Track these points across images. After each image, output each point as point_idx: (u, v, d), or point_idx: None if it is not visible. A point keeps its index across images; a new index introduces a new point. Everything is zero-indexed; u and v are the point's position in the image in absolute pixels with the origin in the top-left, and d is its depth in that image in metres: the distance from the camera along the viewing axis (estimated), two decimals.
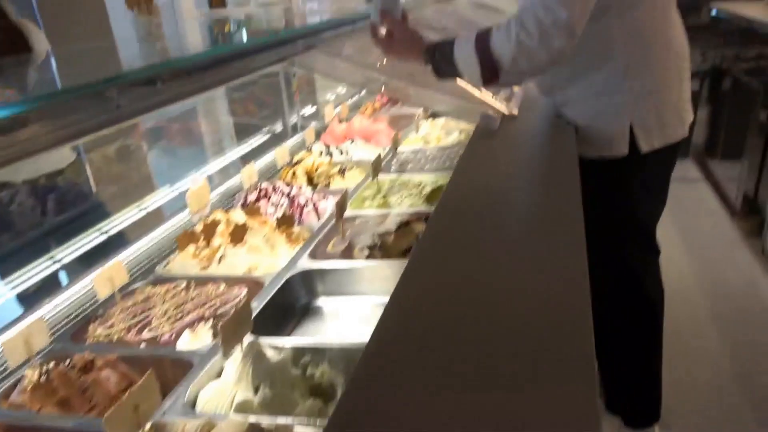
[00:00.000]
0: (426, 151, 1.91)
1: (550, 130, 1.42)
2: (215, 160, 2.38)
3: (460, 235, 0.96)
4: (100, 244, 1.62)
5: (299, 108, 2.69)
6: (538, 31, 1.15)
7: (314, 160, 1.91)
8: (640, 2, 1.28)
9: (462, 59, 1.30)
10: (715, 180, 3.77)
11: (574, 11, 1.13)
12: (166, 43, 1.39)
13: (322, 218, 1.57)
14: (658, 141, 1.38)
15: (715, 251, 3.04)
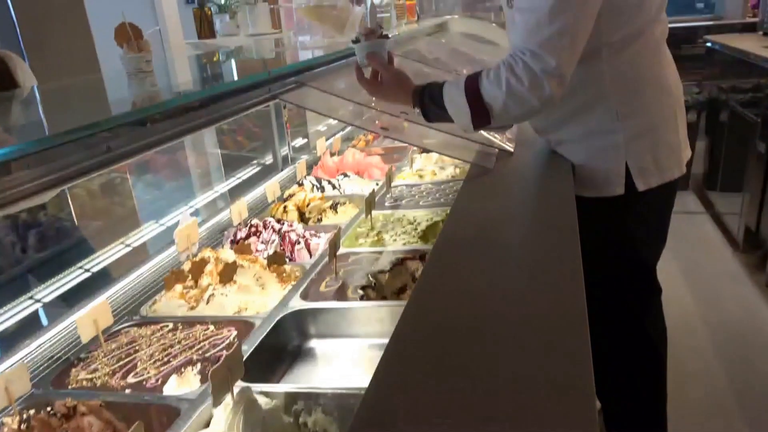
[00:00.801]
0: (420, 186, 1.94)
1: (547, 167, 1.46)
2: (203, 194, 2.41)
3: (458, 275, 0.98)
4: (83, 282, 1.62)
5: (290, 140, 2.73)
6: (527, 78, 1.20)
7: (306, 195, 1.94)
8: (630, 43, 1.33)
9: (452, 104, 1.34)
10: (715, 213, 3.83)
11: (563, 59, 1.18)
12: (156, 80, 1.42)
13: (315, 256, 1.59)
14: (655, 180, 1.42)
15: (718, 286, 3.07)
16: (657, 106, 1.40)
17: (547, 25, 1.17)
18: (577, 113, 1.42)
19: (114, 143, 0.91)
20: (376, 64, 1.44)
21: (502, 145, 1.61)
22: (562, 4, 1.16)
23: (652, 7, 1.33)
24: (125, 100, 1.17)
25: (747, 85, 3.48)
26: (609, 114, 1.38)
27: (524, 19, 1.22)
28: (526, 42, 1.21)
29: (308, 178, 2.16)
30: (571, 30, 1.18)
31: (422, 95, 1.40)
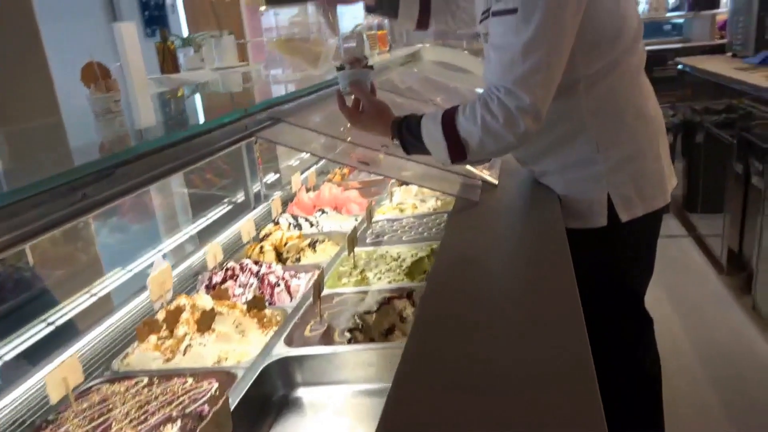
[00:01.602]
0: (402, 221, 1.96)
1: (533, 199, 1.50)
2: (172, 236, 2.38)
3: (454, 314, 0.99)
4: (46, 336, 1.58)
5: (262, 176, 2.74)
6: (502, 115, 1.25)
7: (283, 233, 1.94)
8: (607, 74, 1.39)
9: (429, 138, 1.38)
10: (697, 235, 3.95)
11: (537, 95, 1.23)
12: (125, 120, 1.43)
13: (296, 298, 1.58)
14: (639, 210, 1.46)
15: (704, 310, 3.15)
16: (637, 135, 1.45)
17: (520, 62, 1.22)
18: (558, 145, 1.47)
19: (90, 190, 0.90)
20: (359, 93, 1.48)
21: (485, 177, 1.64)
22: (535, 42, 1.21)
23: (628, 38, 1.39)
24: (96, 144, 1.17)
25: (720, 106, 3.64)
26: (589, 145, 1.43)
27: (498, 56, 1.27)
28: (501, 79, 1.25)
29: (284, 216, 2.17)
30: (545, 66, 1.22)
31: (401, 127, 1.44)
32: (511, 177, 1.66)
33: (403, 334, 1.35)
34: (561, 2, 1.21)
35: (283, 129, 1.53)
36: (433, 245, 1.68)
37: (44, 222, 0.83)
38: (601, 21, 1.33)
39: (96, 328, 1.56)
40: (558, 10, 1.21)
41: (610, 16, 1.35)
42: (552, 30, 1.21)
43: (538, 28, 1.20)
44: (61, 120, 1.89)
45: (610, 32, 1.36)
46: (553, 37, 1.22)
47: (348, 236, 1.67)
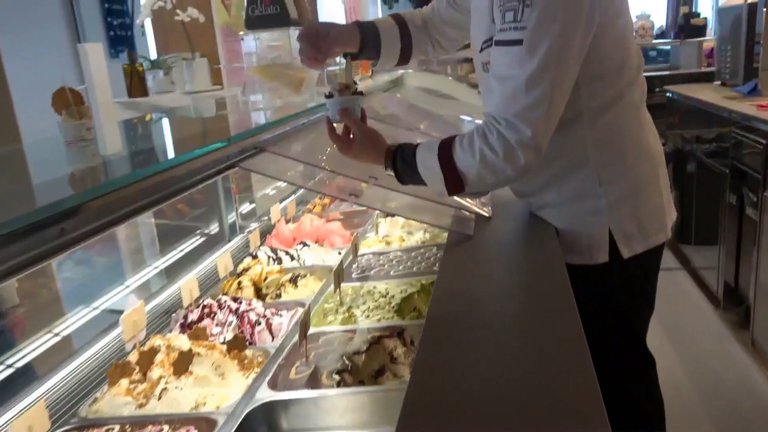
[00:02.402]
0: (389, 254, 1.98)
1: (531, 233, 1.53)
2: (139, 270, 2.36)
3: (456, 357, 1.00)
4: (5, 380, 1.55)
5: (237, 206, 2.73)
6: (502, 148, 1.28)
7: (263, 268, 1.94)
8: (611, 107, 1.43)
9: (425, 168, 1.41)
10: (692, 268, 4.03)
11: (539, 129, 1.26)
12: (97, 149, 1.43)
13: (278, 337, 1.58)
14: (640, 246, 1.50)
15: (702, 347, 3.20)
16: (639, 169, 1.49)
17: (523, 94, 1.25)
18: (558, 178, 1.50)
19: (69, 225, 0.91)
20: (349, 121, 1.50)
21: (478, 210, 1.67)
22: (539, 74, 1.24)
23: (632, 70, 1.44)
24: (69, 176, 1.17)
25: (710, 135, 3.76)
26: (590, 179, 1.46)
27: (500, 87, 1.30)
28: (502, 110, 1.28)
29: (262, 249, 2.17)
30: (548, 100, 1.26)
31: (395, 156, 1.46)
32: (506, 209, 1.69)
33: (394, 376, 1.36)
34: (567, 36, 1.25)
35: (268, 159, 1.54)
36: (423, 280, 1.70)
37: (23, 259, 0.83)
38: (606, 53, 1.37)
39: (60, 370, 1.54)
40: (564, 43, 1.25)
41: (615, 49, 1.40)
42: (557, 63, 1.25)
43: (543, 61, 1.23)
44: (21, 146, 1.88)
45: (615, 64, 1.41)
46: (558, 70, 1.26)
47: (334, 271, 1.68)
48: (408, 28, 1.74)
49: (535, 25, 1.23)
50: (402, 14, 1.78)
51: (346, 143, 1.51)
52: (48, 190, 1.07)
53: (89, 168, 1.26)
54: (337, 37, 1.55)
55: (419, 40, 1.76)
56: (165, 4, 3.87)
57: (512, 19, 1.26)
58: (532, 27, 1.23)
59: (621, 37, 1.40)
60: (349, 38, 1.60)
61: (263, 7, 2.00)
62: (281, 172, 1.63)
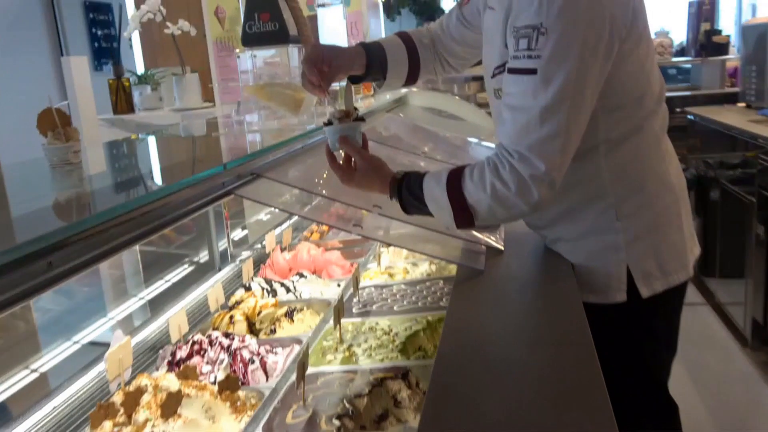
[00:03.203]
0: (392, 287, 1.99)
1: (546, 268, 1.54)
2: (122, 302, 2.36)
3: (469, 403, 1.01)
4: None
5: (229, 232, 2.74)
6: (514, 182, 1.30)
7: (257, 301, 1.95)
8: (630, 137, 1.46)
9: (433, 201, 1.42)
10: (717, 303, 4.03)
11: (554, 163, 1.28)
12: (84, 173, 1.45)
13: (273, 377, 1.58)
14: (660, 285, 1.51)
15: (729, 390, 3.19)
16: (659, 203, 1.51)
17: (537, 126, 1.27)
18: (574, 211, 1.52)
19: (57, 258, 0.92)
20: (350, 149, 1.51)
21: (490, 242, 1.69)
22: (554, 105, 1.26)
23: (652, 100, 1.47)
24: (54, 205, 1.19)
25: (735, 160, 3.80)
26: (608, 213, 1.48)
27: (513, 117, 1.32)
28: (515, 143, 1.31)
29: (256, 280, 2.18)
30: (564, 132, 1.28)
31: (400, 186, 1.48)
32: (519, 242, 1.71)
33: (397, 421, 1.36)
34: (584, 66, 1.27)
35: (264, 186, 1.56)
36: (429, 317, 1.71)
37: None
38: (624, 83, 1.40)
39: (37, 411, 1.54)
40: (581, 74, 1.27)
41: (634, 78, 1.42)
42: (573, 95, 1.27)
43: (559, 92, 1.26)
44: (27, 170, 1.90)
45: (634, 94, 1.43)
46: (574, 102, 1.28)
47: (334, 306, 1.68)
48: (415, 46, 1.77)
49: (551, 54, 1.25)
50: (409, 32, 1.81)
51: (348, 173, 1.53)
52: (34, 220, 1.08)
53: (77, 195, 1.28)
54: (342, 64, 1.57)
55: (427, 60, 1.79)
56: (154, 16, 3.93)
57: (526, 46, 1.28)
58: (547, 56, 1.26)
59: (641, 65, 1.42)
60: (355, 62, 1.63)
61: (261, 23, 2.03)
62: (279, 200, 1.65)
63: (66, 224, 0.98)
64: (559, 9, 1.25)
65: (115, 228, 1.05)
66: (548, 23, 1.25)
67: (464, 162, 1.46)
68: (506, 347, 1.24)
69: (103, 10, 7.04)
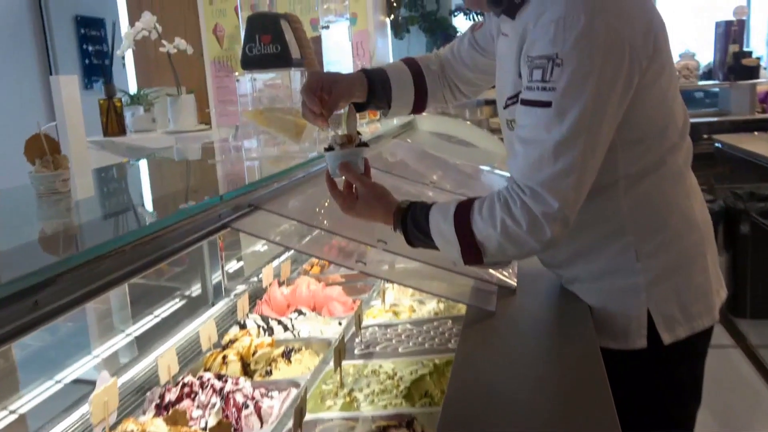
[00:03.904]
0: (397, 327, 1.99)
1: (561, 310, 1.55)
2: (111, 338, 2.37)
3: None
4: None
5: (224, 263, 2.75)
6: (526, 220, 1.31)
7: (252, 340, 1.96)
8: (651, 172, 1.47)
9: (439, 235, 1.44)
10: (747, 345, 4.00)
11: (567, 200, 1.30)
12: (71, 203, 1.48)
13: (268, 423, 1.58)
14: (683, 330, 1.51)
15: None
16: (682, 243, 1.52)
17: (551, 161, 1.29)
18: (592, 250, 1.53)
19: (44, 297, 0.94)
20: (351, 177, 1.52)
21: (503, 279, 1.70)
22: (569, 140, 1.28)
23: (674, 134, 1.48)
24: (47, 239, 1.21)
25: (766, 191, 3.80)
26: (627, 252, 1.49)
27: (526, 151, 1.34)
28: (527, 178, 1.32)
29: (252, 317, 2.19)
30: (578, 168, 1.30)
31: (405, 217, 1.49)
32: (533, 280, 1.71)
33: None
34: (601, 100, 1.29)
35: (263, 219, 1.58)
36: (436, 360, 1.71)
37: None
38: (645, 117, 1.42)
39: None
40: (597, 108, 1.29)
41: (656, 112, 1.44)
42: (589, 128, 1.29)
43: (574, 126, 1.28)
44: None
45: (655, 128, 1.45)
46: (590, 136, 1.30)
47: (335, 347, 1.69)
48: (422, 72, 1.79)
49: (566, 86, 1.27)
50: (416, 58, 1.84)
51: (349, 201, 1.54)
52: (19, 255, 1.10)
53: (64, 228, 1.30)
54: (343, 91, 1.60)
55: (436, 87, 1.82)
56: (149, 33, 4.00)
57: (540, 78, 1.30)
58: (562, 89, 1.28)
59: (663, 96, 1.44)
60: (355, 88, 1.66)
61: (262, 45, 2.07)
62: (279, 234, 1.67)
63: (53, 261, 1.00)
64: (575, 39, 1.27)
65: (104, 265, 1.07)
66: (564, 54, 1.27)
67: (475, 192, 1.48)
68: (518, 394, 1.25)
69: (95, 26, 7.16)
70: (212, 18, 4.31)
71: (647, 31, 1.36)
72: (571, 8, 1.28)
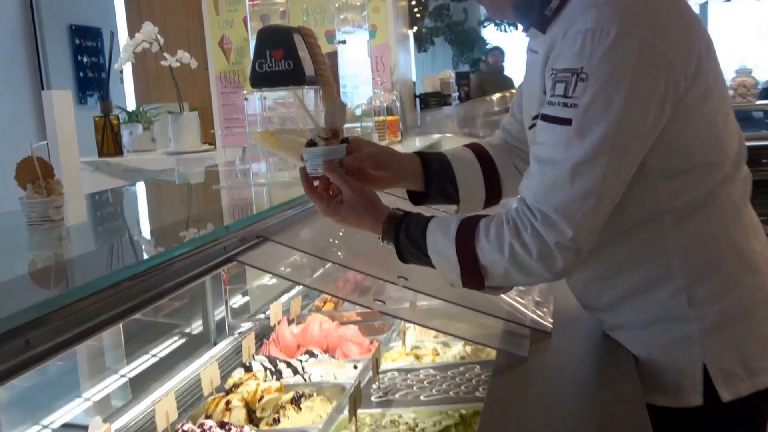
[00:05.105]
0: (419, 372, 1.99)
1: (603, 359, 1.54)
2: (102, 380, 2.38)
3: None
4: None
5: (228, 298, 2.75)
6: (537, 248, 1.30)
7: (258, 385, 1.97)
8: (702, 207, 1.45)
9: (437, 254, 1.42)
10: None
11: (582, 228, 1.29)
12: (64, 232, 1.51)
13: None
14: (745, 387, 1.47)
15: None
16: (741, 287, 1.49)
17: (567, 184, 1.28)
18: (637, 294, 1.51)
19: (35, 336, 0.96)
20: (337, 178, 1.49)
21: (537, 321, 1.70)
22: (589, 161, 1.27)
23: (728, 164, 1.46)
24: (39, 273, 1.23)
25: None
26: (678, 298, 1.47)
27: (541, 171, 1.34)
28: (539, 201, 1.31)
29: (258, 359, 2.20)
30: (598, 193, 1.29)
31: (398, 228, 1.46)
32: (570, 322, 1.71)
33: None
34: (629, 121, 1.28)
35: (272, 251, 1.60)
36: (463, 409, 1.70)
37: None
38: (688, 145, 1.41)
39: None
40: (624, 130, 1.28)
41: (701, 139, 1.42)
42: (612, 150, 1.28)
43: (595, 146, 1.27)
44: None
45: (702, 158, 1.43)
46: (613, 159, 1.28)
47: (350, 394, 1.69)
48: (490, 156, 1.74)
49: (590, 103, 1.27)
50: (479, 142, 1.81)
51: (332, 205, 1.50)
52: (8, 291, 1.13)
53: (58, 262, 1.32)
54: (396, 172, 1.62)
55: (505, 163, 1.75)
56: (150, 45, 4.06)
57: (562, 92, 1.30)
58: (585, 105, 1.27)
59: (711, 122, 1.43)
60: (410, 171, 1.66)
61: (273, 61, 2.10)
62: (288, 268, 1.68)
63: (47, 297, 1.02)
64: (604, 52, 1.26)
65: (103, 301, 1.09)
66: (590, 68, 1.27)
67: None
68: None
69: (91, 36, 7.29)
70: (218, 29, 4.36)
71: (689, 49, 1.35)
72: (602, 20, 1.28)
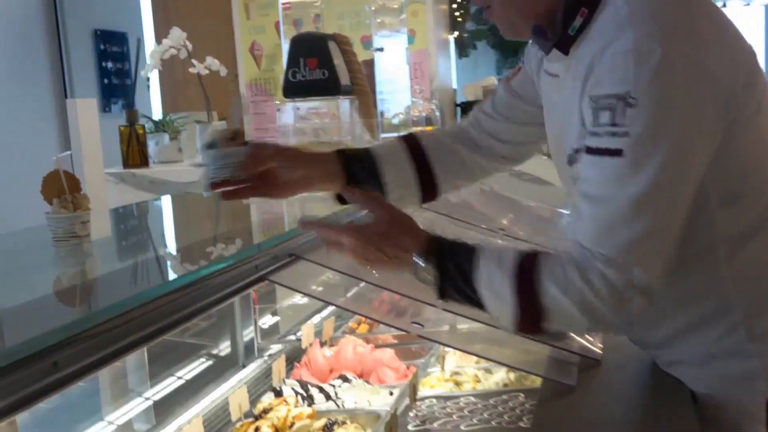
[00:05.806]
0: (459, 400, 1.99)
1: (656, 393, 1.52)
2: (125, 403, 2.42)
3: None
4: None
5: (257, 318, 2.77)
6: (608, 292, 1.25)
7: (289, 410, 1.99)
8: (756, 234, 1.43)
9: (489, 290, 1.34)
10: None
11: (654, 269, 1.26)
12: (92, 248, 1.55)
13: None
14: None
15: None
16: None
17: (628, 223, 1.25)
18: (694, 329, 1.50)
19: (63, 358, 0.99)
20: (365, 201, 1.48)
21: (586, 347, 1.70)
22: (649, 196, 1.24)
23: None
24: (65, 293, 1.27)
25: None
26: (736, 333, 1.45)
27: (594, 211, 1.29)
28: (597, 243, 1.27)
29: (288, 383, 2.22)
30: (664, 229, 1.27)
31: (442, 256, 1.38)
32: (621, 350, 1.70)
33: None
34: (686, 145, 1.26)
35: (304, 270, 1.62)
36: None
37: None
38: (742, 165, 1.39)
39: None
40: (682, 154, 1.26)
41: (755, 157, 1.41)
42: (672, 181, 1.26)
43: (654, 178, 1.23)
44: None
45: (757, 178, 1.42)
46: (674, 190, 1.26)
47: (386, 422, 1.71)
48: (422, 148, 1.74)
49: (643, 131, 1.23)
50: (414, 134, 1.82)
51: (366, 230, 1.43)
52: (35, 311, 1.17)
53: (85, 281, 1.36)
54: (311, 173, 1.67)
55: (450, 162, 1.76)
56: (178, 52, 4.13)
57: (609, 121, 1.25)
58: (638, 134, 1.23)
59: (762, 137, 1.41)
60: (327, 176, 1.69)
61: (307, 70, 2.13)
62: (323, 289, 1.70)
63: (75, 317, 1.06)
64: (651, 73, 1.23)
65: (131, 321, 1.12)
66: (638, 92, 1.23)
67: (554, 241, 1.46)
68: None
69: (116, 41, 7.41)
70: (249, 35, 4.40)
71: (735, 60, 1.34)
72: (642, 38, 1.25)
